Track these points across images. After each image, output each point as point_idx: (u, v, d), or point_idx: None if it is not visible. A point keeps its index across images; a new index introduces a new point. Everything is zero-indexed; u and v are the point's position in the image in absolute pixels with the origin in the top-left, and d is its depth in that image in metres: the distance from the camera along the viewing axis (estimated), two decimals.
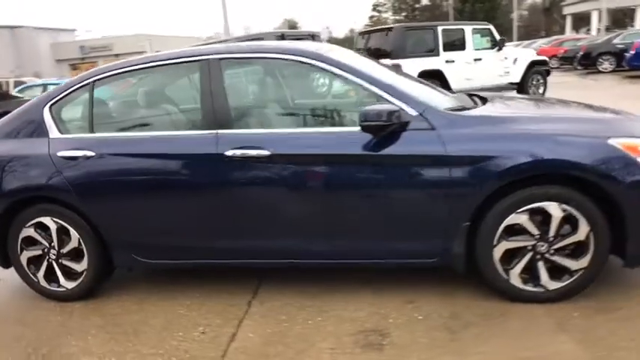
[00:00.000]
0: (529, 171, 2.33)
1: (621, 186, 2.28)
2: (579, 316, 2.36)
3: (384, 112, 2.31)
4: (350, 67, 2.56)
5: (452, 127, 2.42)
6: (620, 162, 2.28)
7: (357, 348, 2.29)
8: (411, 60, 8.71)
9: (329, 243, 2.59)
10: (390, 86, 2.52)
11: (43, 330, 2.74)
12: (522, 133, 2.37)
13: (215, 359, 2.31)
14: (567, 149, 2.30)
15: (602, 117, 2.59)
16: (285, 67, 2.73)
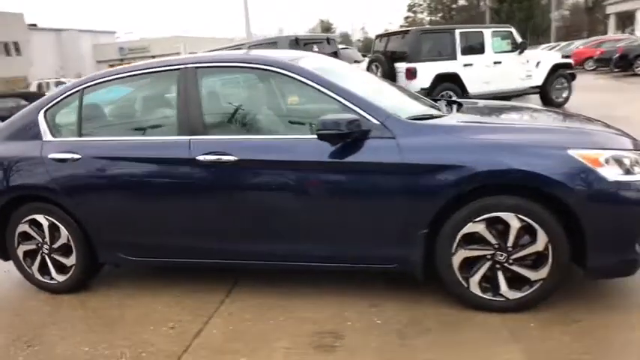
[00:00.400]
0: (483, 181, 2.35)
1: (579, 198, 2.26)
2: (535, 327, 2.36)
3: (342, 121, 2.37)
4: (317, 77, 2.63)
5: (411, 135, 2.46)
6: (579, 173, 2.27)
7: (310, 349, 2.36)
8: (427, 64, 8.66)
9: (291, 246, 2.68)
10: (355, 95, 2.57)
11: (32, 319, 2.94)
12: (479, 142, 2.39)
13: (176, 353, 2.43)
14: (523, 159, 2.30)
15: (566, 127, 2.56)
16: (256, 76, 2.83)
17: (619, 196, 2.27)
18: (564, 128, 2.55)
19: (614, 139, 2.46)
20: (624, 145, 2.41)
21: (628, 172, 2.31)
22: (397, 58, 9.06)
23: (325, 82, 2.61)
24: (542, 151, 2.32)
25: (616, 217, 2.30)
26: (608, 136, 2.50)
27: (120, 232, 2.96)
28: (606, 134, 2.53)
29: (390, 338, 2.38)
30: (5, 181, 3.07)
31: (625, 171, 2.31)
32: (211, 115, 2.78)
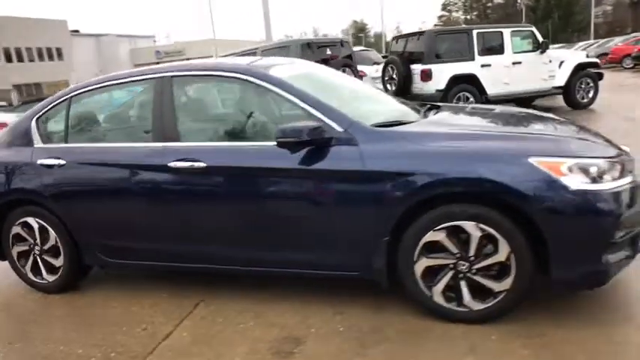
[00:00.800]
0: (442, 188, 2.32)
1: (539, 207, 2.20)
2: (496, 340, 2.30)
3: (302, 129, 2.39)
4: (285, 84, 2.65)
5: (373, 142, 2.45)
6: (539, 182, 2.20)
7: (269, 354, 2.39)
8: (442, 65, 8.53)
9: (256, 251, 2.72)
10: (320, 103, 2.58)
11: (19, 316, 3.11)
12: (438, 150, 2.35)
13: (142, 354, 2.51)
14: (481, 167, 2.26)
15: (530, 134, 2.47)
16: (227, 84, 2.88)
17: (582, 205, 2.19)
18: (528, 135, 2.47)
19: (583, 147, 2.37)
20: (593, 152, 2.32)
21: (595, 181, 2.23)
22: (413, 59, 8.97)
23: (292, 90, 2.63)
24: (501, 158, 2.27)
25: (579, 227, 2.22)
26: (574, 143, 2.41)
27: (101, 235, 3.07)
28: (573, 141, 2.43)
29: (348, 346, 2.38)
30: (1, 185, 3.24)
31: (591, 180, 2.23)
32: (184, 123, 2.85)
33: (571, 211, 2.20)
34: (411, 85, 8.95)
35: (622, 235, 2.32)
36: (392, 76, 9.19)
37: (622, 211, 2.24)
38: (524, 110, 3.50)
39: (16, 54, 36.90)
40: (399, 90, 9.05)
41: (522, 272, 2.29)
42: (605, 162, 2.29)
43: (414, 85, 8.92)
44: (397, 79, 9.02)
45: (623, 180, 2.33)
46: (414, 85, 8.92)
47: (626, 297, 2.58)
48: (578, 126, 2.95)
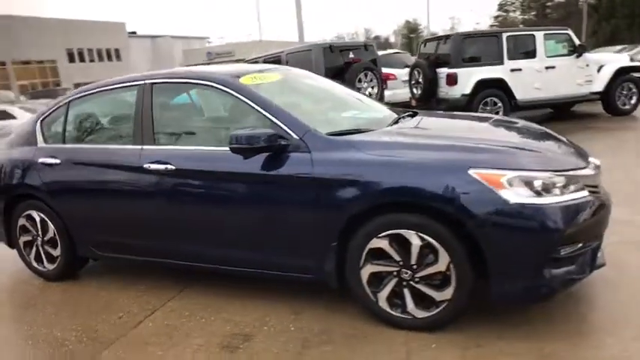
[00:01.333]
0: (383, 197, 2.37)
1: (477, 219, 2.20)
2: (435, 348, 2.33)
3: (256, 136, 2.51)
4: (249, 92, 2.78)
5: (324, 150, 2.53)
6: (477, 194, 2.21)
7: (217, 347, 2.53)
8: (468, 69, 8.37)
9: (220, 250, 2.87)
10: (280, 111, 2.68)
11: (19, 299, 3.43)
12: (380, 159, 2.40)
13: (111, 340, 2.72)
14: (421, 178, 2.29)
15: (476, 145, 2.44)
16: (200, 91, 3.04)
17: (522, 219, 2.18)
18: (475, 146, 2.45)
19: (527, 159, 2.33)
20: (539, 165, 2.29)
21: (539, 195, 2.21)
22: (440, 63, 8.85)
23: (255, 98, 2.76)
24: (440, 169, 2.29)
25: (519, 241, 2.20)
26: (519, 155, 2.36)
27: (91, 229, 3.33)
28: (519, 153, 2.39)
29: (292, 346, 2.48)
30: (10, 180, 3.58)
31: (535, 193, 2.21)
32: (160, 127, 3.04)
33: (509, 225, 2.20)
34: (437, 89, 8.84)
35: (570, 250, 2.28)
36: (418, 79, 9.11)
37: (566, 226, 2.20)
38: (507, 120, 3.44)
39: (78, 55, 39.35)
40: (424, 94, 8.97)
41: (462, 283, 2.30)
42: (552, 175, 2.26)
43: (439, 90, 8.80)
44: (423, 83, 8.94)
45: (575, 194, 2.29)
46: (439, 90, 8.80)
47: (576, 313, 2.51)
48: (550, 135, 2.90)
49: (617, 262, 3.00)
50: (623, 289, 2.71)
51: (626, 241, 3.27)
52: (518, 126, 3.08)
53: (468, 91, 8.38)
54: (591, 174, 2.47)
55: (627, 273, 2.88)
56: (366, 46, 8.62)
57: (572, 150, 2.71)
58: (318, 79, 3.74)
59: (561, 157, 2.47)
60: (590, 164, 2.60)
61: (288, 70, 3.58)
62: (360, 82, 8.13)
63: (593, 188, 2.44)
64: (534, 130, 2.99)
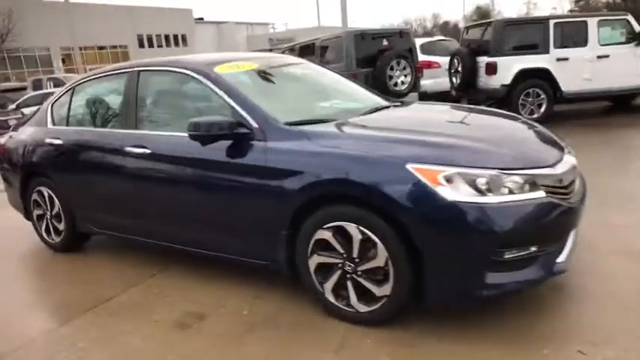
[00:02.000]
0: (325, 189, 2.36)
1: (412, 216, 2.15)
2: (369, 343, 2.31)
3: (213, 123, 2.57)
4: (219, 81, 2.85)
5: (279, 140, 2.55)
6: (414, 190, 2.15)
7: (171, 324, 2.65)
8: (509, 58, 7.95)
9: (188, 232, 2.99)
10: (244, 100, 2.73)
11: (27, 268, 3.77)
12: (328, 151, 2.38)
13: (84, 309, 2.92)
14: (361, 171, 2.25)
15: (426, 140, 2.34)
16: (176, 79, 3.10)
17: (460, 218, 2.09)
18: (419, 140, 2.35)
19: (472, 156, 2.22)
20: (484, 163, 2.18)
21: (481, 194, 2.11)
22: (481, 51, 8.47)
23: (224, 86, 2.82)
24: (381, 163, 2.24)
25: (457, 241, 2.12)
26: (464, 151, 2.25)
27: (85, 206, 3.57)
28: (463, 149, 2.27)
29: (239, 329, 2.55)
30: (24, 158, 3.91)
31: (478, 192, 2.11)
32: (142, 112, 3.19)
33: (445, 223, 2.12)
34: (476, 79, 8.48)
35: (518, 254, 2.17)
36: (457, 68, 8.79)
37: (508, 228, 2.09)
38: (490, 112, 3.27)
39: (147, 40, 41.36)
40: (463, 84, 8.65)
41: (400, 280, 2.25)
42: (498, 174, 2.15)
43: (479, 79, 8.44)
44: (462, 72, 8.60)
45: (526, 195, 2.17)
46: (479, 79, 8.44)
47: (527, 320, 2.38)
48: (527, 130, 2.76)
49: (595, 270, 2.84)
50: (587, 299, 2.53)
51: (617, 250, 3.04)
52: (497, 120, 2.93)
53: (508, 82, 7.98)
54: (554, 173, 2.31)
55: (599, 282, 2.69)
56: (401, 33, 8.42)
57: (542, 147, 2.55)
58: (308, 68, 3.73)
59: (519, 155, 2.33)
60: (562, 163, 2.43)
61: (274, 59, 3.61)
62: (392, 70, 7.98)
63: (556, 189, 2.29)
64: (510, 125, 2.84)
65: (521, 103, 8.08)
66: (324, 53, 8.71)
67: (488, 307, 2.48)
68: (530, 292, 2.60)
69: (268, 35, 47.57)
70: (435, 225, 2.13)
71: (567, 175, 2.42)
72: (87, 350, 2.50)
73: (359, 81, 7.81)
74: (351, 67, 7.98)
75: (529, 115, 8.12)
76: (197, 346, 2.44)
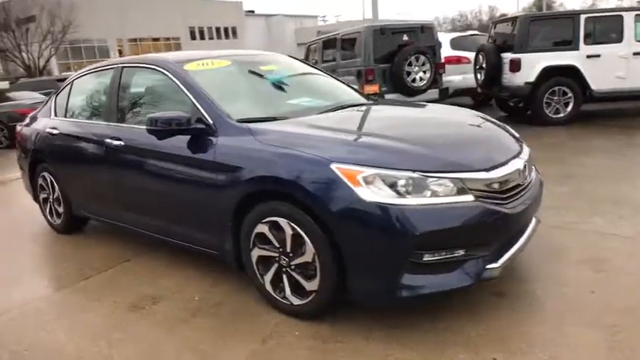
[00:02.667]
0: (259, 185, 2.46)
1: (333, 215, 2.21)
2: (296, 336, 2.38)
3: (167, 119, 2.71)
4: (182, 77, 2.99)
5: (229, 135, 2.66)
6: (335, 189, 2.20)
7: (127, 306, 2.84)
8: (534, 54, 7.64)
9: (154, 221, 3.18)
10: (203, 96, 2.85)
11: (32, 245, 4.11)
12: (266, 148, 2.47)
13: (62, 286, 3.19)
14: (288, 168, 2.33)
15: (356, 140, 2.37)
16: (150, 75, 3.26)
17: (376, 219, 2.12)
18: (349, 140, 2.38)
19: (401, 157, 2.24)
20: (403, 164, 2.19)
21: (400, 195, 2.14)
22: (506, 47, 8.20)
23: (187, 82, 2.96)
24: (309, 162, 2.29)
25: (374, 241, 2.16)
26: (391, 151, 2.27)
27: (76, 193, 3.85)
28: (392, 150, 2.29)
29: (183, 313, 2.70)
30: (31, 145, 4.24)
31: (396, 193, 2.14)
32: (121, 106, 3.40)
33: (363, 223, 2.16)
34: (500, 76, 8.22)
35: (439, 257, 2.18)
36: (482, 65, 8.55)
37: (427, 230, 2.11)
38: None
39: (199, 32, 42.59)
40: (487, 80, 8.41)
41: (326, 276, 2.31)
42: (419, 176, 2.16)
43: (503, 76, 8.18)
44: (485, 68, 8.37)
45: (449, 198, 2.17)
46: (503, 76, 8.18)
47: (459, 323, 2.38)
48: (478, 130, 2.74)
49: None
50: (528, 308, 2.49)
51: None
52: (450, 120, 2.92)
53: (532, 79, 7.69)
54: (486, 177, 2.29)
55: (549, 292, 2.63)
56: (423, 28, 8.28)
57: (484, 150, 2.51)
58: (289, 65, 3.81)
59: (450, 157, 2.31)
60: (504, 167, 2.40)
61: (254, 57, 3.72)
62: (411, 66, 7.88)
63: (489, 193, 2.28)
64: (462, 126, 2.82)
65: (545, 101, 7.77)
66: (344, 48, 8.72)
67: (426, 308, 2.50)
68: (471, 295, 2.60)
69: (316, 28, 47.71)
70: (354, 225, 2.18)
71: (507, 179, 2.38)
72: (50, 323, 2.74)
73: (377, 76, 7.90)
74: (369, 63, 7.96)
75: (554, 115, 7.81)
76: (142, 327, 2.61)
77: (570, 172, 4.98)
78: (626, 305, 2.42)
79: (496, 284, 2.69)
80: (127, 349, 2.42)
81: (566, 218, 3.68)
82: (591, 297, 2.53)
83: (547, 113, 7.83)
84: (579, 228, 3.47)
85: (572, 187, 4.49)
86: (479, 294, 2.62)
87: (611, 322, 2.29)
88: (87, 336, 2.56)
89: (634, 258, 2.92)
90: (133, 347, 2.43)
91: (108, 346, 2.45)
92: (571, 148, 6.23)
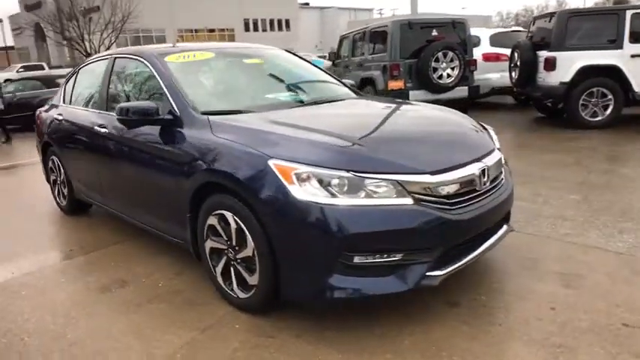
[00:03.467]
0: (207, 177, 2.49)
1: (267, 211, 2.21)
2: (236, 329, 2.40)
3: (133, 108, 2.79)
4: (160, 69, 3.07)
5: (189, 128, 2.71)
6: (270, 186, 2.19)
7: (97, 287, 2.98)
8: (571, 53, 7.20)
9: (131, 208, 3.30)
10: (175, 88, 2.92)
11: (38, 224, 4.38)
12: (217, 141, 2.49)
13: (51, 262, 3.39)
14: (231, 163, 2.36)
15: (298, 137, 2.34)
16: (135, 66, 3.35)
17: (306, 218, 2.10)
18: (293, 137, 2.33)
19: (339, 156, 2.19)
20: (347, 164, 2.14)
21: (332, 195, 2.10)
22: (543, 44, 7.77)
23: (162, 73, 3.04)
24: (251, 156, 2.30)
25: (304, 240, 2.14)
26: (329, 150, 2.23)
27: (76, 177, 4.06)
28: (331, 149, 2.25)
29: (141, 297, 2.80)
30: (42, 130, 4.51)
31: (329, 193, 2.10)
32: (110, 95, 3.54)
33: (294, 222, 2.14)
34: (535, 75, 7.82)
35: (370, 259, 2.13)
36: (516, 62, 8.16)
37: (358, 232, 2.06)
38: None
39: (252, 24, 43.31)
40: (521, 79, 8.02)
41: (264, 272, 2.32)
42: (352, 176, 2.11)
43: (537, 75, 7.77)
44: (520, 66, 7.98)
45: (384, 200, 2.11)
46: (537, 75, 7.77)
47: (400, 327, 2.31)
48: (442, 131, 2.65)
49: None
50: (472, 320, 2.38)
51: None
52: (413, 119, 2.86)
53: (568, 79, 7.25)
54: (427, 181, 2.19)
55: (504, 305, 2.50)
56: (454, 24, 8.01)
57: (437, 151, 2.41)
58: (276, 58, 3.82)
59: (392, 158, 2.23)
60: (455, 172, 2.29)
61: (239, 50, 3.78)
62: (438, 62, 7.66)
63: (433, 197, 2.19)
64: (423, 125, 2.73)
65: (582, 103, 7.32)
66: (373, 42, 8.60)
67: (370, 311, 2.45)
68: (423, 302, 2.52)
69: (366, 22, 47.19)
70: (285, 222, 2.17)
71: (456, 184, 2.28)
72: (23, 298, 2.91)
73: (403, 72, 7.73)
74: (395, 57, 7.81)
75: (591, 118, 7.34)
76: (101, 308, 2.73)
77: (588, 180, 4.68)
78: (581, 326, 2.26)
79: (453, 293, 2.60)
80: (79, 327, 2.53)
81: (561, 230, 3.46)
82: (549, 314, 2.38)
83: (583, 116, 7.38)
84: (569, 240, 3.26)
85: (583, 195, 4.22)
86: (432, 301, 2.54)
87: (559, 342, 2.15)
88: (49, 313, 2.70)
89: (611, 276, 2.72)
90: (85, 326, 2.54)
91: (64, 323, 2.58)
92: (599, 154, 5.83)
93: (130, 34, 33.85)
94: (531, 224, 3.58)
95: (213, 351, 2.24)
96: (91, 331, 2.50)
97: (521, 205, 3.96)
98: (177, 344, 2.32)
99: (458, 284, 2.68)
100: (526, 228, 3.50)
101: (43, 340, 2.43)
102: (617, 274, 2.75)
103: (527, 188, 4.44)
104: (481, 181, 2.40)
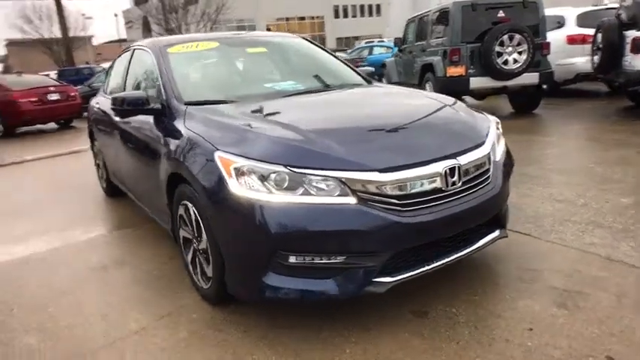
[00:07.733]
0: (172, 167, 2.51)
1: (208, 203, 2.19)
2: (192, 320, 2.41)
3: (133, 99, 2.89)
4: (159, 60, 3.14)
5: (171, 118, 2.75)
6: (213, 178, 2.15)
7: (99, 266, 3.18)
8: None
9: (136, 193, 3.46)
10: (166, 77, 2.98)
11: (76, 204, 4.77)
12: (183, 131, 2.50)
13: (70, 245, 3.66)
14: (186, 154, 2.36)
15: (252, 130, 2.23)
16: (145, 56, 3.43)
17: (240, 213, 2.03)
18: (241, 127, 2.23)
19: (270, 148, 2.09)
20: (279, 157, 2.03)
21: (268, 190, 2.01)
22: (633, 24, 6.79)
23: (160, 64, 3.11)
24: (202, 148, 2.27)
25: (239, 236, 2.08)
26: (268, 142, 2.13)
27: (108, 162, 4.34)
28: (273, 141, 2.14)
29: (128, 279, 2.98)
30: (90, 117, 4.88)
31: (266, 188, 2.01)
32: (128, 85, 3.72)
33: (230, 216, 2.09)
34: (620, 58, 6.88)
35: (307, 260, 2.02)
36: (599, 45, 7.24)
37: (293, 230, 1.96)
38: None
39: (342, 11, 43.15)
40: (603, 63, 7.10)
41: (216, 264, 2.30)
42: (289, 171, 1.99)
43: (623, 58, 6.83)
44: (602, 48, 7.06)
45: (327, 198, 1.98)
46: (623, 58, 6.83)
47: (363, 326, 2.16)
48: (423, 125, 2.43)
49: None
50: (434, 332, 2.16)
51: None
52: (392, 108, 2.73)
53: None
54: (373, 179, 2.00)
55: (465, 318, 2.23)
56: (524, 4, 7.27)
57: (400, 147, 2.19)
58: (287, 46, 3.74)
59: (336, 153, 2.05)
60: (414, 170, 2.08)
61: (247, 38, 3.75)
62: (502, 46, 7.03)
63: (381, 197, 2.01)
64: (400, 116, 2.52)
65: None
66: (436, 25, 8.12)
67: (326, 314, 2.33)
68: (386, 308, 2.35)
69: None
70: (224, 216, 2.12)
71: (410, 184, 2.06)
72: (35, 272, 3.20)
73: (464, 57, 7.21)
74: (456, 42, 7.31)
75: None
76: (90, 286, 2.92)
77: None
78: (552, 355, 1.94)
79: (425, 301, 2.39)
80: (62, 302, 2.73)
81: (587, 238, 3.00)
82: (522, 336, 2.08)
83: None
84: (591, 250, 2.83)
85: (636, 200, 3.64)
86: (396, 309, 2.35)
87: None
88: (47, 287, 2.94)
89: (621, 299, 2.30)
90: (67, 301, 2.73)
91: (52, 298, 2.79)
92: None
93: (224, 24, 35.44)
94: (555, 230, 3.16)
95: (159, 339, 2.27)
96: (69, 304, 2.68)
97: (555, 207, 3.54)
98: (134, 328, 2.39)
99: (435, 292, 2.46)
100: (547, 234, 3.10)
101: (26, 312, 2.64)
102: (629, 296, 2.33)
103: (572, 188, 3.95)
104: (448, 181, 2.14)
